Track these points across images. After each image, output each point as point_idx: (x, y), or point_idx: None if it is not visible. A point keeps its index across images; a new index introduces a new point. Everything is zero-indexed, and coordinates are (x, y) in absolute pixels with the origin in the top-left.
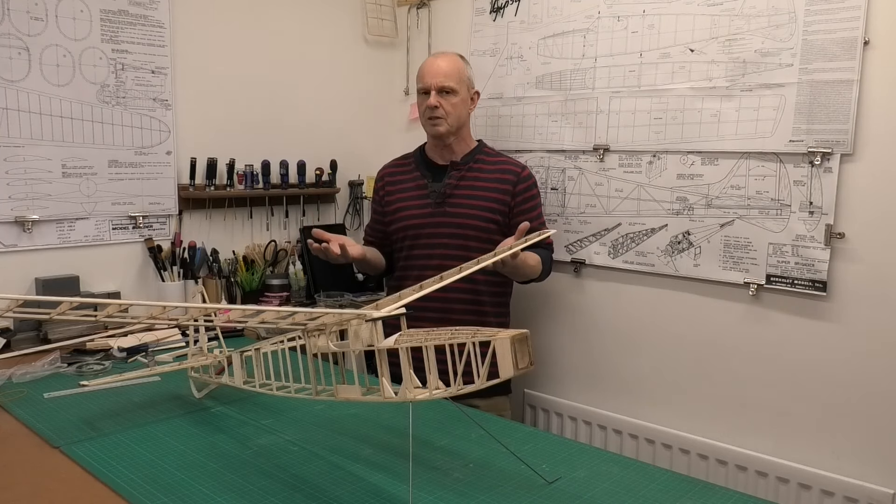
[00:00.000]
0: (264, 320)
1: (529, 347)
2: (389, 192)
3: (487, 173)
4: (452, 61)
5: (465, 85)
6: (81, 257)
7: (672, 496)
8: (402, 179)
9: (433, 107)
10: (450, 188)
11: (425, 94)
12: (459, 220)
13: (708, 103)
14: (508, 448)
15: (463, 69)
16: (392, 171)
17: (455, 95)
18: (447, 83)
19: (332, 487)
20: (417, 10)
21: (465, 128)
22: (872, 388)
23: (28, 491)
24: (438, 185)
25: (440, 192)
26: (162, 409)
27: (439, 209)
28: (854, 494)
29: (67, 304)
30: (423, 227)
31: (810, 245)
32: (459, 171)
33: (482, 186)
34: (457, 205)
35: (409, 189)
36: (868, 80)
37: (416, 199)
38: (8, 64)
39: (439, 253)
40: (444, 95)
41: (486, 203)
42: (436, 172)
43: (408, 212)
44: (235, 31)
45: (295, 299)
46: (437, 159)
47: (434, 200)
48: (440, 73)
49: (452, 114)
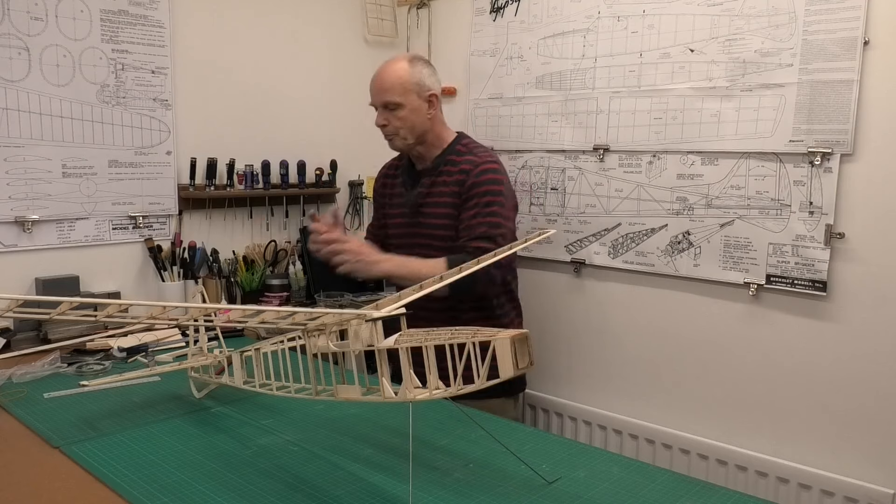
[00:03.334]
0: (264, 320)
1: (529, 347)
2: (384, 193)
3: (452, 176)
4: (394, 71)
5: (411, 94)
6: (81, 257)
7: (672, 496)
8: (393, 184)
9: (381, 125)
10: (421, 197)
11: (375, 108)
12: (428, 230)
13: (708, 103)
14: (508, 448)
15: (406, 77)
16: (387, 173)
17: (401, 109)
18: (388, 98)
19: (332, 487)
20: (417, 10)
21: (429, 133)
22: (872, 387)
23: (28, 491)
24: (412, 195)
25: (413, 202)
26: (162, 409)
27: (413, 220)
28: (854, 494)
29: (67, 304)
30: (402, 236)
31: (810, 245)
32: (430, 177)
33: (446, 192)
34: (427, 215)
35: (395, 195)
36: (868, 80)
37: (398, 206)
38: (8, 64)
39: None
40: (391, 111)
41: (447, 210)
42: (414, 180)
43: (392, 220)
44: (235, 30)
45: (295, 299)
46: (417, 164)
47: (409, 211)
48: (381, 90)
49: (403, 127)
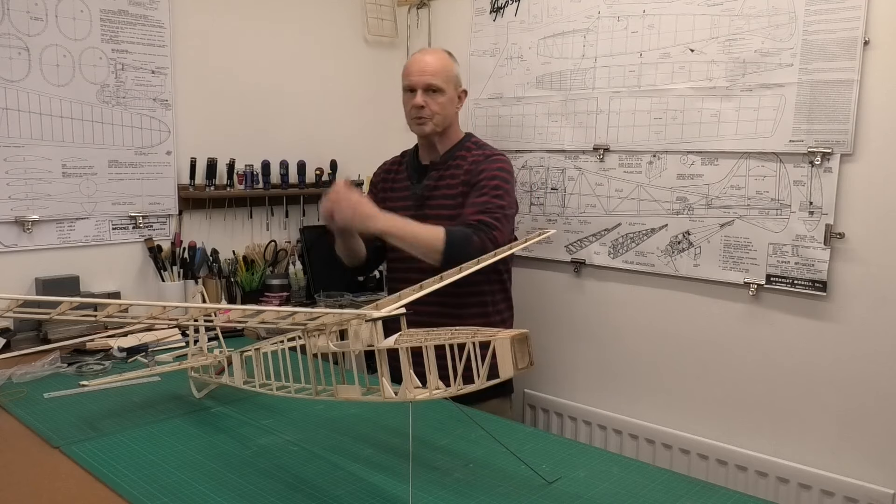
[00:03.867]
0: (264, 320)
1: (529, 347)
2: (384, 188)
3: (462, 170)
4: (440, 58)
5: (452, 83)
6: (81, 257)
7: (672, 496)
8: (394, 179)
9: (419, 106)
10: (428, 190)
11: (411, 91)
12: (436, 222)
13: (708, 103)
14: (508, 448)
15: (451, 67)
16: (389, 169)
17: (442, 94)
18: (434, 81)
19: (332, 487)
20: (417, 10)
21: (451, 127)
22: (872, 387)
23: (28, 491)
24: (419, 187)
25: (420, 194)
26: (162, 409)
27: (419, 212)
28: (854, 494)
29: (67, 304)
30: None
31: (810, 245)
32: (438, 170)
33: (454, 185)
34: (435, 206)
35: (398, 190)
36: (868, 80)
37: (402, 200)
38: (8, 64)
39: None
40: (431, 94)
41: (456, 201)
42: (420, 173)
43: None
44: (235, 30)
45: (295, 299)
46: (423, 158)
47: (414, 203)
48: (427, 71)
49: (439, 114)
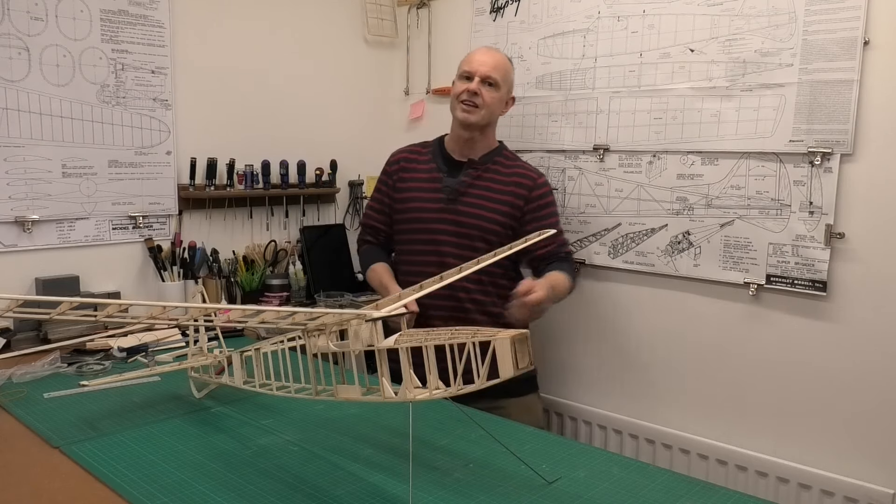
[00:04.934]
0: (264, 320)
1: (529, 347)
2: (403, 178)
3: (504, 176)
4: (503, 59)
5: (507, 85)
6: (81, 257)
7: (672, 496)
8: (418, 168)
9: (473, 92)
10: (464, 186)
11: (467, 78)
12: (469, 219)
13: (708, 103)
14: (508, 448)
15: (510, 70)
16: (409, 157)
17: (496, 90)
18: (494, 74)
19: (332, 487)
20: (417, 10)
21: (491, 127)
22: (872, 387)
23: (28, 491)
24: (453, 181)
25: (454, 188)
26: (162, 409)
27: (451, 206)
28: (854, 494)
29: (67, 304)
30: (430, 221)
31: (810, 245)
32: (476, 169)
33: (497, 189)
34: (469, 204)
35: (422, 179)
36: (868, 80)
37: (427, 190)
38: (8, 64)
39: (443, 251)
40: (487, 86)
41: (499, 206)
42: (452, 167)
43: (417, 203)
44: (235, 30)
45: (295, 299)
46: (455, 154)
47: (447, 196)
48: (489, 63)
49: (489, 106)
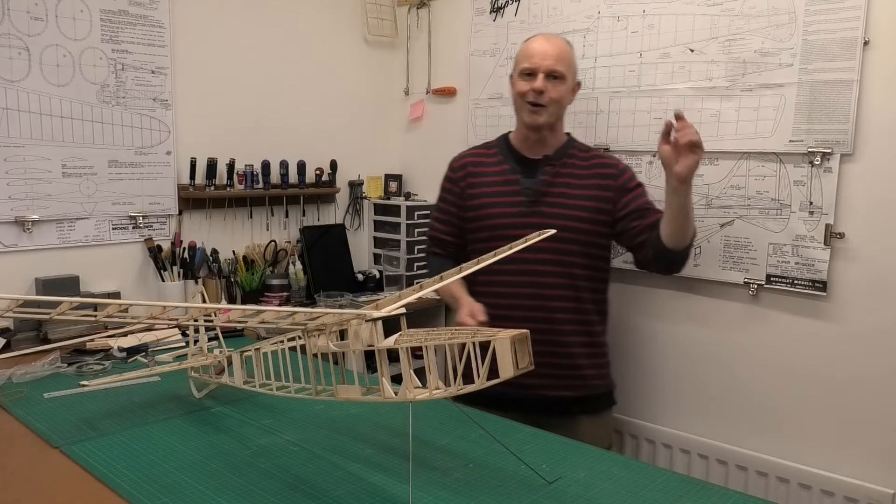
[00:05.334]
0: (264, 320)
1: (529, 347)
2: (473, 183)
3: (583, 170)
4: (562, 45)
5: (572, 73)
6: (81, 257)
7: (672, 496)
8: (487, 171)
9: (539, 91)
10: (544, 185)
11: (529, 76)
12: (558, 221)
13: (708, 103)
14: (508, 448)
15: (572, 55)
16: (474, 161)
17: (562, 83)
18: (558, 67)
19: (332, 487)
20: (417, 10)
21: (560, 121)
22: (872, 387)
23: (28, 491)
24: (531, 181)
25: (534, 188)
26: (162, 409)
27: (533, 208)
28: (854, 494)
29: (67, 304)
30: (513, 227)
31: (810, 245)
32: (553, 166)
33: (579, 185)
34: (554, 204)
35: (495, 183)
36: (868, 80)
37: (504, 195)
38: (8, 64)
39: (533, 258)
40: (552, 81)
41: (587, 203)
42: (526, 166)
43: (495, 209)
44: (235, 31)
45: (295, 299)
46: (526, 152)
47: (527, 198)
48: (550, 55)
49: (557, 102)
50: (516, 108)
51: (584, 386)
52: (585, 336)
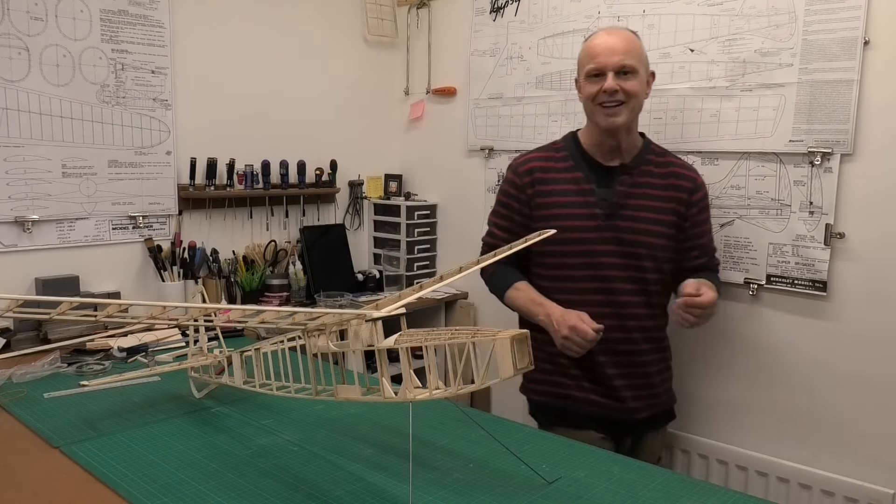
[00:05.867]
0: (264, 320)
1: (529, 348)
2: (542, 191)
3: (657, 178)
4: (629, 36)
5: (644, 65)
6: (81, 257)
7: (672, 496)
8: (556, 178)
9: (613, 90)
10: (621, 197)
11: (596, 76)
12: (632, 236)
13: (708, 103)
14: (508, 448)
15: (640, 45)
16: (542, 165)
17: (635, 76)
18: (628, 62)
19: (332, 487)
20: (417, 10)
21: (636, 120)
22: (872, 387)
23: (28, 491)
24: (607, 192)
25: (611, 201)
26: (162, 409)
27: (609, 222)
28: (854, 494)
29: (67, 304)
30: (587, 241)
31: (810, 245)
32: (630, 175)
33: (654, 196)
34: (630, 218)
35: (567, 192)
36: (868, 80)
37: (578, 205)
38: (8, 64)
39: (608, 275)
40: (623, 77)
41: (662, 216)
42: (601, 175)
43: (568, 221)
44: (235, 30)
45: (295, 299)
46: (600, 158)
47: (604, 211)
48: (618, 50)
49: (634, 98)
50: (588, 113)
51: (656, 404)
52: (658, 353)
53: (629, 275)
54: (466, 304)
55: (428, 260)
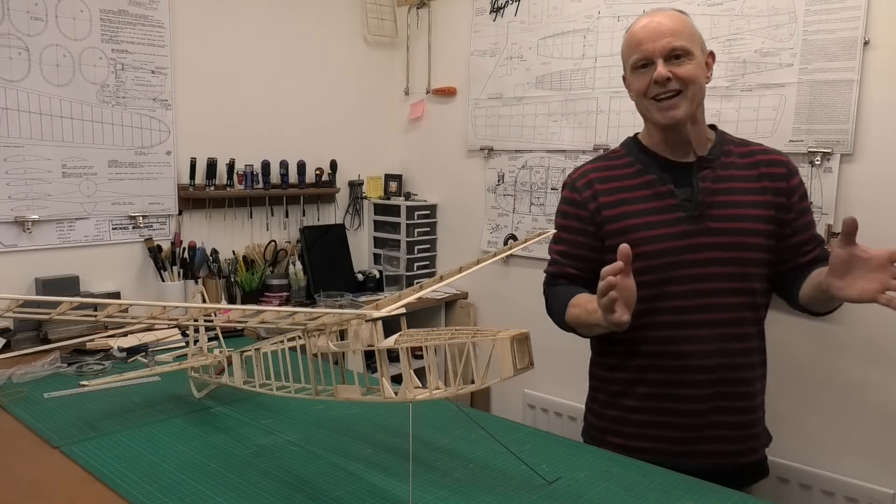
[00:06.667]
0: (264, 320)
1: (529, 348)
2: (607, 203)
3: (745, 169)
4: (676, 15)
5: (699, 44)
6: (81, 257)
7: (672, 496)
8: (624, 185)
9: (664, 79)
10: (708, 193)
11: (644, 67)
12: (731, 238)
13: (708, 103)
14: (508, 448)
15: (691, 23)
16: (601, 176)
17: (690, 59)
18: (678, 43)
19: (332, 487)
20: (417, 10)
21: (700, 107)
22: (872, 388)
23: (28, 491)
24: (689, 191)
25: (696, 200)
26: (162, 409)
27: (698, 225)
28: (854, 494)
29: (67, 304)
30: (678, 252)
31: None
32: (713, 168)
33: (744, 188)
34: (723, 218)
35: (643, 198)
36: (868, 80)
37: (656, 212)
38: (8, 64)
39: (709, 289)
40: (676, 62)
41: (760, 211)
42: (675, 173)
43: (648, 231)
44: (235, 30)
45: (295, 299)
46: (670, 155)
47: (688, 213)
48: (665, 31)
49: (693, 83)
50: (642, 112)
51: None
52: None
53: (734, 286)
54: (466, 304)
55: (428, 260)
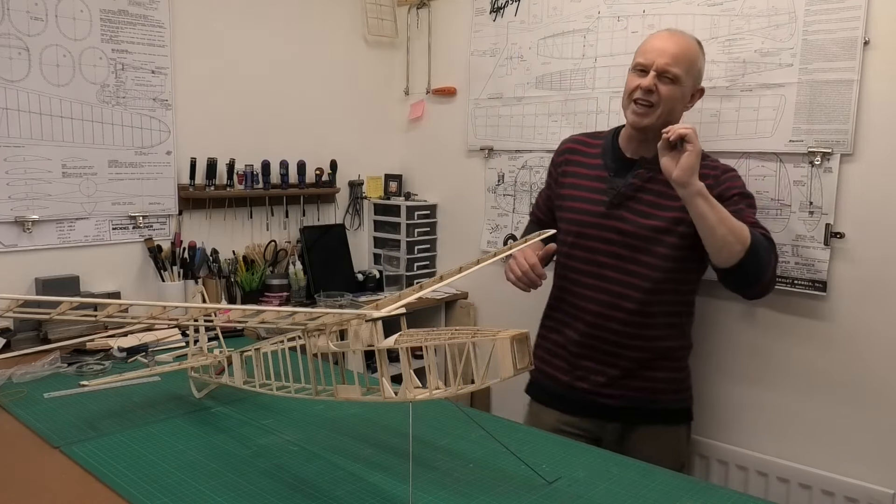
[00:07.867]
0: (264, 320)
1: (529, 348)
2: (567, 171)
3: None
4: (686, 45)
5: (692, 78)
6: (81, 257)
7: (672, 496)
8: (582, 161)
9: (647, 89)
10: (631, 189)
11: (641, 71)
12: (632, 228)
13: (708, 103)
14: (508, 448)
15: (696, 58)
16: (577, 148)
17: (676, 85)
18: (674, 68)
19: (332, 487)
20: (417, 10)
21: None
22: (872, 387)
23: (28, 491)
24: (619, 182)
25: (619, 191)
26: (162, 409)
27: (614, 211)
28: (854, 494)
29: (67, 304)
30: (588, 225)
31: (810, 245)
32: (649, 170)
33: (670, 194)
34: (635, 211)
35: (586, 176)
36: (868, 80)
37: (590, 190)
38: (8, 64)
39: (601, 261)
40: (664, 80)
41: (674, 214)
42: (621, 166)
43: (577, 203)
44: (235, 31)
45: (295, 299)
46: (628, 152)
47: (610, 199)
48: (668, 53)
49: (664, 106)
50: (623, 106)
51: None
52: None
53: (622, 266)
54: (466, 304)
55: (428, 260)
